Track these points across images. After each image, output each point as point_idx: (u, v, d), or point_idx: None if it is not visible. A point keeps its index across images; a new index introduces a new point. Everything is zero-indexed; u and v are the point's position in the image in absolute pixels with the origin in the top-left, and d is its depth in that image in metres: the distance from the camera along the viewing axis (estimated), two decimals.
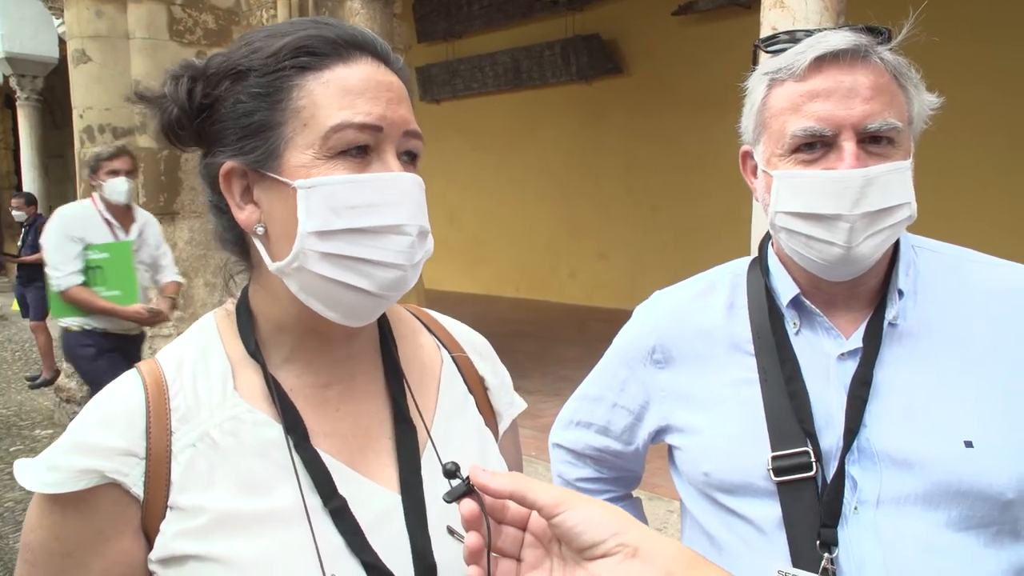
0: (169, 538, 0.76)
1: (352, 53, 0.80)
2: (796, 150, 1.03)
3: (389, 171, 0.78)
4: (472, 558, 0.64)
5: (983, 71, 6.85)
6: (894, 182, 1.00)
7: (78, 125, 6.21)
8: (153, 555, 0.77)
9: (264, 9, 5.98)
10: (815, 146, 1.01)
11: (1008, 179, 6.86)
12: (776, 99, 1.06)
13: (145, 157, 6.16)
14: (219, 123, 0.81)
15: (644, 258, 9.70)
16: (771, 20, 3.31)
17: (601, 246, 10.43)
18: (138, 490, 0.76)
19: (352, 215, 0.76)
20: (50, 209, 15.88)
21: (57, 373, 7.43)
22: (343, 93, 0.78)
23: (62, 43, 11.91)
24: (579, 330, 8.79)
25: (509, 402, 1.03)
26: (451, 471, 0.67)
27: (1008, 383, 1.02)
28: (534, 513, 0.66)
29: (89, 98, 6.12)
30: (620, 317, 1.35)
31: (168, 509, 0.76)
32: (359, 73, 0.79)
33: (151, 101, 0.83)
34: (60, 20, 10.33)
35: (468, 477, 0.65)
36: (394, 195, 0.78)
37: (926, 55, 1.11)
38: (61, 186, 17.51)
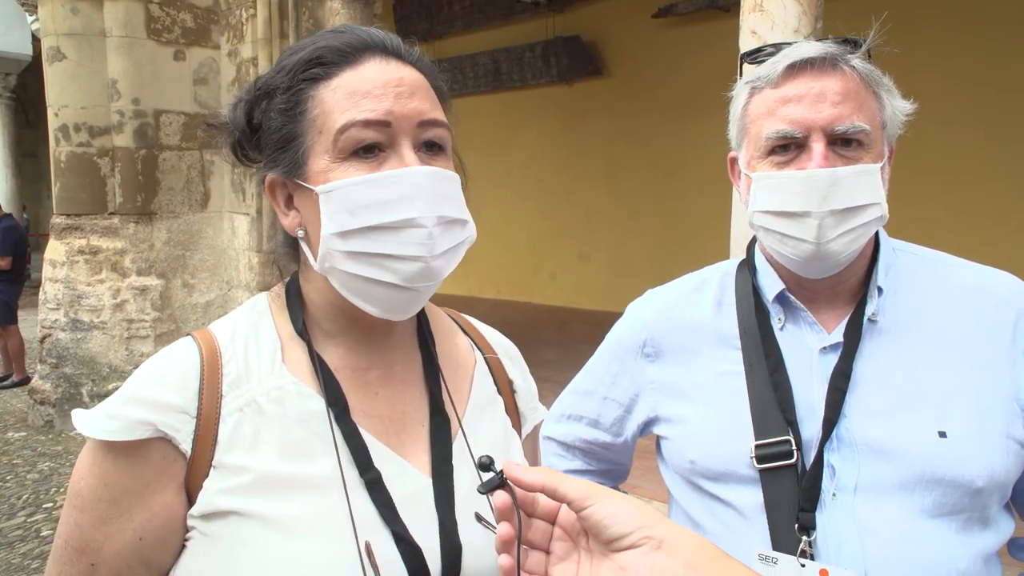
0: (212, 494, 0.80)
1: (360, 56, 0.84)
2: (771, 152, 1.09)
3: (404, 166, 0.81)
4: (503, 547, 0.67)
5: (959, 64, 6.99)
6: (862, 183, 1.05)
7: (53, 123, 6.12)
8: (195, 510, 0.81)
9: (243, 8, 5.93)
10: (788, 148, 1.08)
11: (985, 170, 6.99)
12: (755, 105, 1.13)
13: (122, 157, 6.10)
14: (263, 140, 0.89)
15: (626, 259, 9.75)
16: (751, 24, 3.34)
17: (583, 247, 10.47)
18: (186, 447, 0.80)
19: (366, 214, 0.80)
20: (24, 209, 15.66)
21: (27, 379, 7.32)
22: (349, 96, 0.82)
23: (36, 40, 11.75)
24: (560, 331, 8.82)
25: (533, 407, 1.08)
26: (486, 464, 0.70)
27: (979, 377, 1.07)
28: (563, 507, 0.69)
29: (64, 96, 6.04)
30: (601, 318, 1.36)
31: (212, 468, 0.81)
32: (365, 74, 0.83)
33: (220, 129, 0.91)
34: (34, 17, 10.20)
35: (502, 470, 0.68)
36: (405, 190, 0.81)
37: (903, 52, 1.15)
38: (34, 185, 17.28)
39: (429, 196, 0.82)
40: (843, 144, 1.05)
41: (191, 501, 0.81)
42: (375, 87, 0.82)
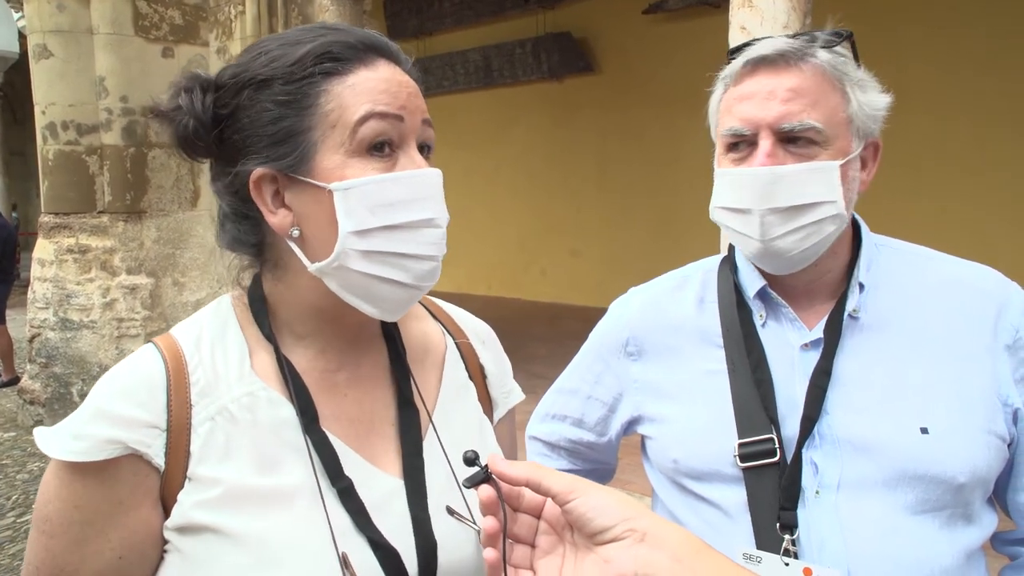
0: (187, 507, 0.78)
1: (372, 57, 0.84)
2: (729, 149, 1.11)
3: (416, 167, 0.82)
4: (489, 541, 0.67)
5: (951, 58, 6.99)
6: (812, 181, 1.04)
7: (40, 122, 6.08)
8: (170, 522, 0.79)
9: (232, 5, 5.90)
10: (740, 145, 1.09)
11: (978, 164, 6.99)
12: (722, 102, 1.14)
13: (111, 155, 6.06)
14: (242, 132, 0.83)
15: (617, 254, 9.75)
16: (740, 20, 3.34)
17: (574, 243, 10.46)
18: (159, 461, 0.78)
19: (387, 213, 0.80)
20: (12, 207, 15.53)
21: (16, 379, 7.28)
22: (367, 92, 0.81)
23: (23, 37, 11.66)
24: (551, 327, 8.82)
25: (507, 391, 1.07)
26: (471, 459, 0.70)
27: (960, 372, 1.07)
28: (548, 502, 0.69)
29: (51, 94, 5.99)
30: (592, 314, 1.36)
31: (187, 480, 0.79)
32: (380, 75, 0.83)
33: (164, 115, 0.84)
34: (20, 14, 10.11)
35: (487, 464, 0.69)
36: (424, 190, 0.82)
37: (894, 45, 1.15)
38: (23, 183, 17.14)
39: (439, 197, 0.84)
40: (792, 141, 1.05)
41: (167, 514, 0.79)
42: (390, 86, 0.83)
